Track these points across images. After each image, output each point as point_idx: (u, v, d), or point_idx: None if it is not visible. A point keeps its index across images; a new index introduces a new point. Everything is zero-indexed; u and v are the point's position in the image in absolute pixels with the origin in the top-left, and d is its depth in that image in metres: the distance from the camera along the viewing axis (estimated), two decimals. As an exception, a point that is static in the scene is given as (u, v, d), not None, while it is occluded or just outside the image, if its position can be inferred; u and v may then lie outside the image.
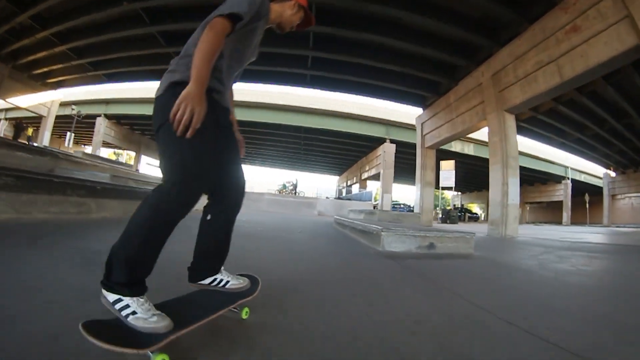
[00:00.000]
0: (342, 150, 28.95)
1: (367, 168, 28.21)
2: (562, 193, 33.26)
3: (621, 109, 14.26)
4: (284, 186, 31.04)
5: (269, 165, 46.34)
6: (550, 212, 42.72)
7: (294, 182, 31.04)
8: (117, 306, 1.15)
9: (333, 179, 48.65)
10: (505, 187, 9.27)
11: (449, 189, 16.69)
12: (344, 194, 30.99)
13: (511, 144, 9.84)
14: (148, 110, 24.02)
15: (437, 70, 12.76)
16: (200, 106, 1.20)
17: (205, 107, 1.23)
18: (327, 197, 27.35)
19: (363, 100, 25.73)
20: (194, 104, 1.18)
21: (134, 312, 1.14)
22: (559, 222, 33.09)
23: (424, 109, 15.98)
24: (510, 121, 10.14)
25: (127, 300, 1.16)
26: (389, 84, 14.02)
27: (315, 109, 22.77)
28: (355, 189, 32.02)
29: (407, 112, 22.96)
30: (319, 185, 59.85)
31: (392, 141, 23.38)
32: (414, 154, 24.86)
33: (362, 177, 29.69)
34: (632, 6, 6.37)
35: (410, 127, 22.07)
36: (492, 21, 9.90)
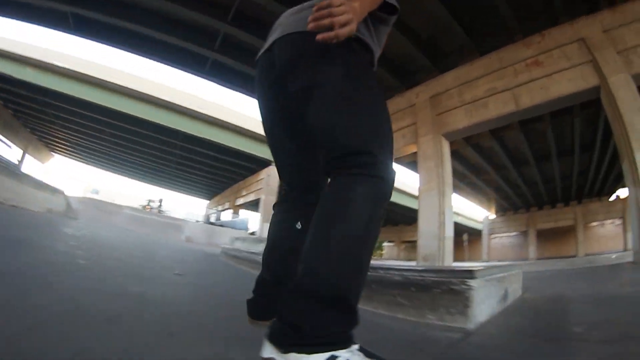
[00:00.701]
0: (220, 169, 24.40)
1: (243, 193, 24.81)
2: (442, 231, 35.90)
3: (523, 156, 15.11)
4: (149, 203, 27.45)
5: (133, 175, 34.74)
6: (426, 248, 45.95)
7: (160, 200, 27.55)
8: None
9: (200, 202, 40.85)
10: (442, 217, 8.32)
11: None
12: (211, 219, 26.95)
13: (447, 170, 9.08)
14: (23, 73, 16.44)
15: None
16: (356, 22, 0.89)
17: (354, 29, 0.89)
18: (197, 221, 23.63)
19: (254, 114, 22.35)
20: (354, 14, 0.89)
21: None
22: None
23: (333, 129, 14.48)
24: (446, 147, 9.46)
25: (345, 355, 0.76)
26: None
27: (201, 113, 18.15)
28: (225, 215, 28.34)
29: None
30: (184, 207, 54.21)
31: (278, 166, 20.88)
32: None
33: (237, 203, 26.13)
34: (597, 53, 6.65)
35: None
36: (440, 44, 9.17)
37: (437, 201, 8.55)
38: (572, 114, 10.74)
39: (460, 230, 37.08)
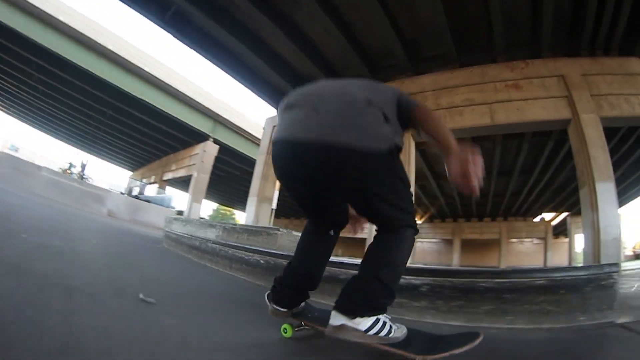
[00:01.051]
0: (152, 138, 21.48)
1: (173, 167, 22.28)
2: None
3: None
4: (70, 166, 24.35)
5: (57, 134, 29.76)
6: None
7: (83, 164, 24.45)
8: (374, 330, 1.22)
9: (123, 173, 34.99)
10: (403, 215, 8.53)
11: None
12: (134, 193, 23.95)
13: (412, 170, 9.43)
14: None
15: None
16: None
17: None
18: (121, 193, 20.57)
19: (195, 80, 19.74)
20: (475, 164, 1.27)
21: (390, 327, 1.26)
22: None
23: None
24: (413, 147, 9.67)
25: (383, 318, 1.27)
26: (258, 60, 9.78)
27: (143, 69, 15.68)
28: (149, 190, 25.31)
29: (238, 112, 19.77)
30: (106, 176, 49.28)
31: (215, 142, 19.19)
32: (236, 167, 22.80)
33: (164, 178, 23.50)
34: (573, 91, 7.38)
35: (240, 132, 19.77)
36: (423, 48, 9.12)
37: (401, 199, 8.70)
38: (523, 139, 11.49)
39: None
